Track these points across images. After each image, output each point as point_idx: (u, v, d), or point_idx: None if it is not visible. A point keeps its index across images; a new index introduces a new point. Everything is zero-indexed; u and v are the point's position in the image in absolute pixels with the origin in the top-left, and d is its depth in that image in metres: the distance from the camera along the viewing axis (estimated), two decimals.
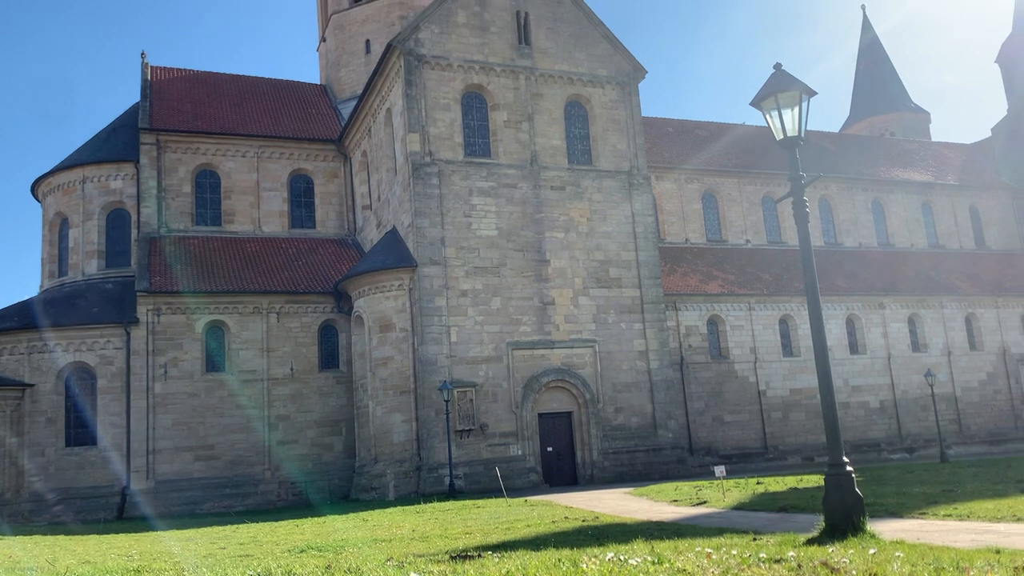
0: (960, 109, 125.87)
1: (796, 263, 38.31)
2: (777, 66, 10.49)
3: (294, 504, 30.71)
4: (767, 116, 10.41)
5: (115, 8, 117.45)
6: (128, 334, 31.29)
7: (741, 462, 34.64)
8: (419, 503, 23.55)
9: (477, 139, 31.60)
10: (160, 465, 30.70)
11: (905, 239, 47.00)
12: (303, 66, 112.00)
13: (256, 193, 37.35)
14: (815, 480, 21.12)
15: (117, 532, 21.61)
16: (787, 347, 38.28)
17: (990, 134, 54.74)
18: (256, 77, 43.15)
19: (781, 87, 10.20)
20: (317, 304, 33.54)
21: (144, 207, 35.29)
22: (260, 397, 32.28)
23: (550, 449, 30.45)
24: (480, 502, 22.35)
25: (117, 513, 29.84)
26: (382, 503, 26.30)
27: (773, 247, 42.90)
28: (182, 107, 38.39)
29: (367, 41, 42.75)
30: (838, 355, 38.21)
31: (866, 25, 73.36)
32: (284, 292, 33.16)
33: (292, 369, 32.80)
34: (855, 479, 9.66)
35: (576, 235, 31.78)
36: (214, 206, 36.96)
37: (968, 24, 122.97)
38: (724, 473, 19.61)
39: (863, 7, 73.99)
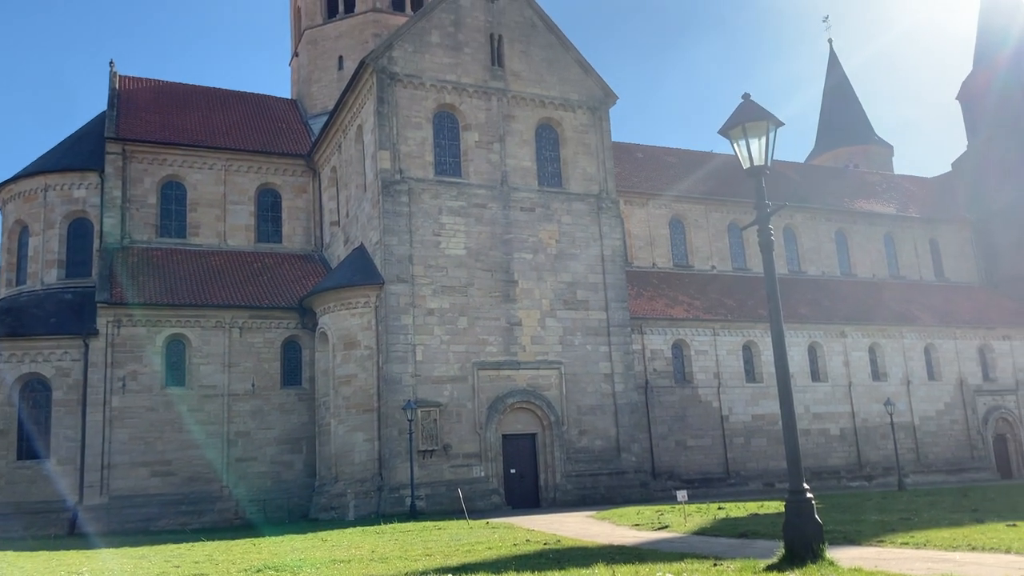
0: (922, 143, 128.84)
1: (760, 290, 38.77)
2: (745, 96, 10.63)
3: (252, 523, 30.14)
4: (735, 145, 10.53)
5: (85, 17, 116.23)
6: (86, 346, 30.68)
7: (703, 487, 34.75)
8: (379, 524, 23.27)
9: (448, 158, 31.63)
10: (115, 480, 30.02)
11: (867, 269, 47.78)
12: (275, 80, 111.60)
13: (222, 206, 36.98)
14: (776, 506, 21.23)
15: (68, 548, 21.04)
16: (750, 373, 38.61)
17: (951, 169, 56.02)
18: (226, 90, 42.87)
19: (749, 117, 10.33)
20: (281, 320, 33.18)
21: (107, 217, 34.75)
22: (220, 413, 31.76)
23: (513, 471, 30.30)
24: (441, 524, 22.14)
25: (69, 529, 29.10)
26: (342, 523, 25.94)
27: (738, 273, 43.37)
28: (150, 117, 37.99)
29: (340, 57, 42.69)
30: (800, 382, 38.62)
31: (833, 60, 74.90)
32: (247, 307, 32.76)
33: (253, 385, 32.35)
34: (815, 506, 9.71)
35: (545, 257, 31.86)
36: (179, 218, 36.52)
37: (931, 62, 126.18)
38: (686, 498, 19.65)
39: (830, 41, 75.60)
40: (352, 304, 30.10)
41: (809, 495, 9.68)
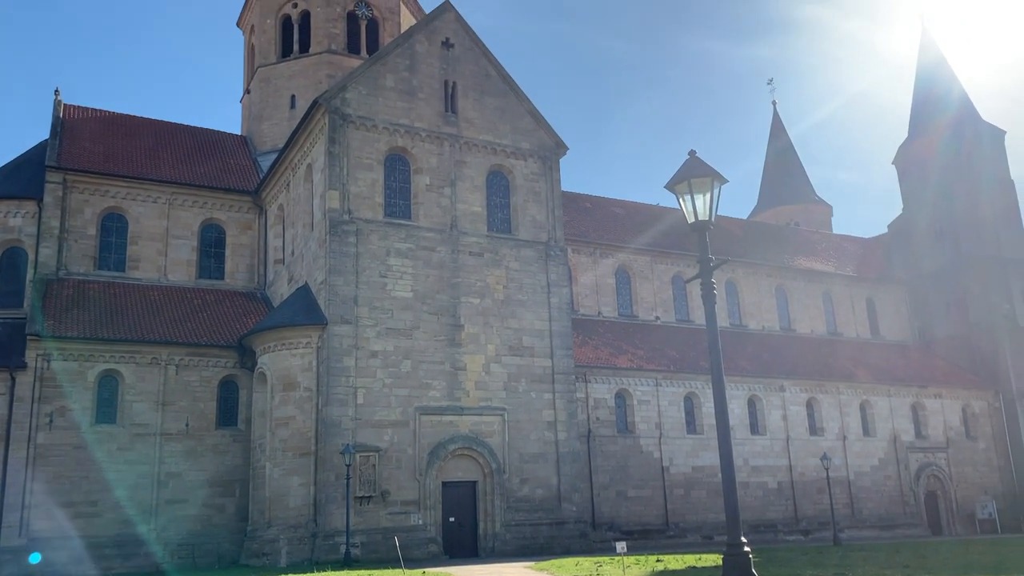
0: (860, 205, 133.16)
1: (703, 341, 39.22)
2: (691, 153, 10.86)
3: (180, 567, 29.02)
4: (680, 199, 10.70)
5: (34, 46, 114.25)
6: (13, 379, 29.49)
7: (643, 538, 34.65)
8: (312, 571, 22.61)
9: (398, 200, 31.59)
10: (35, 521, 28.67)
11: (806, 325, 48.83)
12: (225, 116, 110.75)
13: (165, 240, 36.26)
14: (714, 559, 21.24)
15: None
16: (691, 424, 38.88)
17: (887, 231, 57.88)
18: (175, 123, 42.38)
19: (695, 173, 10.53)
20: (219, 358, 32.44)
21: (43, 247, 33.80)
22: (151, 453, 30.73)
23: (452, 519, 29.81)
24: (376, 572, 21.62)
25: None
26: (273, 570, 25.15)
27: (682, 325, 43.91)
28: (94, 148, 37.26)
29: (292, 96, 42.57)
30: (739, 435, 39.02)
31: (777, 120, 77.37)
32: (185, 344, 31.98)
33: (187, 424, 31.43)
34: (752, 560, 9.72)
35: (492, 302, 31.84)
36: (119, 251, 35.68)
37: (870, 127, 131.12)
38: (625, 549, 19.54)
39: (774, 103, 78.11)
40: (293, 344, 29.58)
41: (747, 549, 9.69)
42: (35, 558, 28.01)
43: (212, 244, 37.40)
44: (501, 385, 31.19)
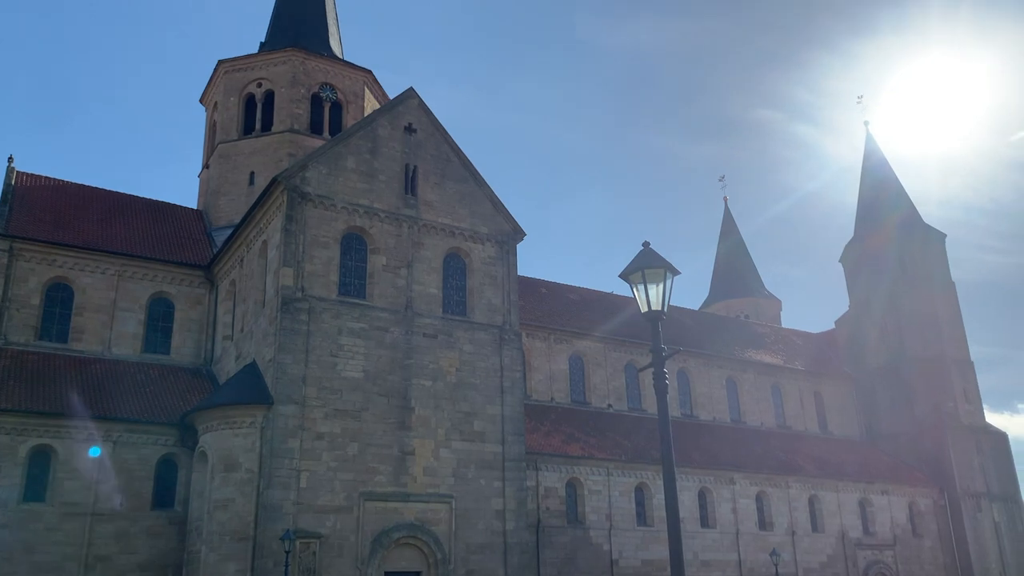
0: (809, 300, 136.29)
1: (654, 431, 39.09)
2: (645, 244, 11.02)
3: None
4: (634, 289, 10.80)
5: None
6: None
7: None
8: None
9: (353, 280, 31.41)
10: None
11: (756, 417, 49.10)
12: (182, 190, 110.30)
13: (111, 312, 35.41)
14: None
15: None
16: (642, 516, 38.34)
17: (834, 326, 59.10)
18: (129, 195, 41.89)
19: (648, 263, 10.66)
20: (159, 436, 31.33)
21: None
22: (81, 533, 29.21)
23: None
24: None
25: None
26: None
27: (634, 413, 43.82)
28: (44, 216, 36.63)
29: (252, 173, 42.56)
30: (689, 527, 38.57)
31: (728, 216, 79.55)
32: (124, 420, 30.86)
33: (121, 504, 30.05)
34: None
35: (444, 385, 31.47)
36: (63, 321, 34.72)
37: (818, 226, 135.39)
38: None
39: (725, 199, 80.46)
40: (237, 423, 28.72)
41: None
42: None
43: (160, 318, 36.59)
44: (450, 471, 30.55)
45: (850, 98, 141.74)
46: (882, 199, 58.73)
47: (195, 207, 44.78)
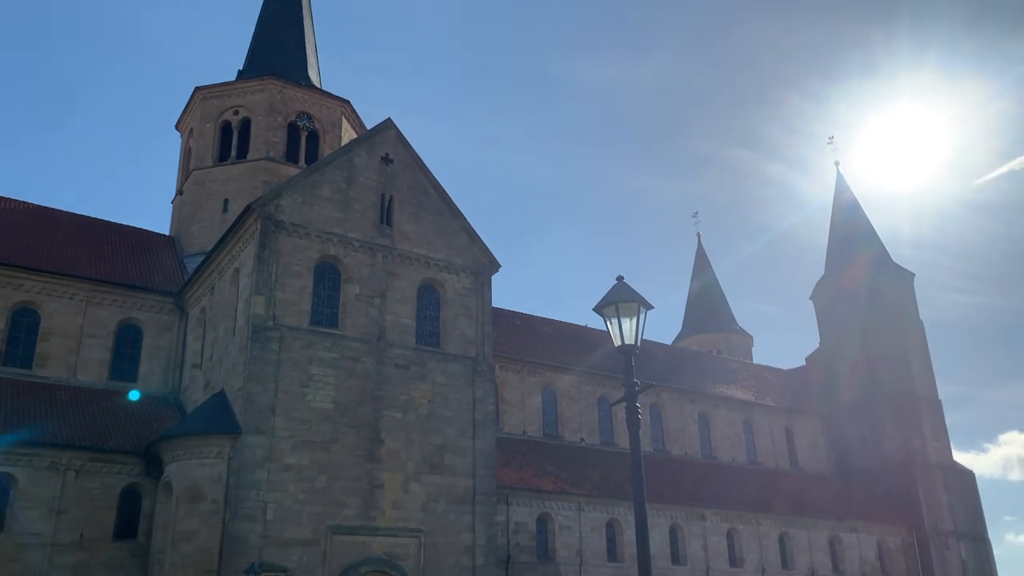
0: (780, 337, 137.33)
1: (626, 465, 38.86)
2: (619, 278, 11.06)
3: None
4: (608, 323, 10.82)
5: None
6: None
7: None
8: None
9: (326, 309, 31.13)
10: None
11: (727, 452, 49.14)
12: (154, 216, 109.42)
13: (78, 338, 34.78)
14: None
15: None
16: (612, 552, 38.04)
17: (805, 363, 59.55)
18: (100, 220, 41.44)
19: (622, 297, 10.69)
20: (123, 465, 30.64)
21: None
22: (39, 565, 28.37)
23: None
24: None
25: None
26: None
27: (606, 447, 43.67)
28: (10, 239, 36.06)
29: (226, 200, 42.25)
30: (660, 564, 38.29)
31: (700, 252, 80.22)
32: (88, 448, 30.16)
33: (82, 536, 29.25)
34: None
35: (415, 416, 31.15)
36: (27, 346, 34.03)
37: (790, 264, 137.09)
38: None
39: (698, 235, 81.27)
40: (203, 453, 28.17)
41: None
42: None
43: (128, 344, 35.99)
44: (419, 505, 30.15)
45: (822, 139, 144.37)
46: (853, 238, 59.60)
47: (167, 233, 44.36)
